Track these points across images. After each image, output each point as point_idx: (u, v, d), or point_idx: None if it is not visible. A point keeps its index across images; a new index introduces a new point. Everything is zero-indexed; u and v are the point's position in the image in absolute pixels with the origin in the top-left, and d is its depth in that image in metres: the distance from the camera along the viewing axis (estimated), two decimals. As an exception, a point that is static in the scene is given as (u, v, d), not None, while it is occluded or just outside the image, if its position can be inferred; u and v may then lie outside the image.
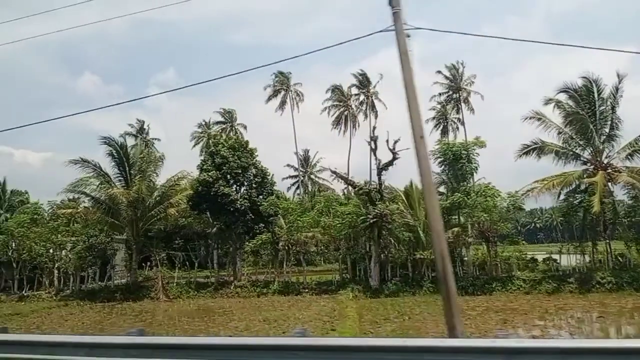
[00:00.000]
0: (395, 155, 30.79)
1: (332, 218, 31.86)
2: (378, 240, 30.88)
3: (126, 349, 5.43)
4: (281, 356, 5.15)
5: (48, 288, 36.22)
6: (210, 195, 32.87)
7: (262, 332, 18.64)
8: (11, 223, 35.84)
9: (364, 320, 20.83)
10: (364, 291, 30.40)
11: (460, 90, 56.53)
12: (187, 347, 5.48)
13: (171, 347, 5.54)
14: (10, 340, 6.31)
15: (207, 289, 33.70)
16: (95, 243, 35.04)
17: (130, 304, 31.57)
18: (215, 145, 35.18)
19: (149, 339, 5.81)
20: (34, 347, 6.02)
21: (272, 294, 32.10)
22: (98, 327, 22.62)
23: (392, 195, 32.85)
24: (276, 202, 34.03)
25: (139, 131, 73.28)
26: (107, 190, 32.90)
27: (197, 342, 5.83)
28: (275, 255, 33.85)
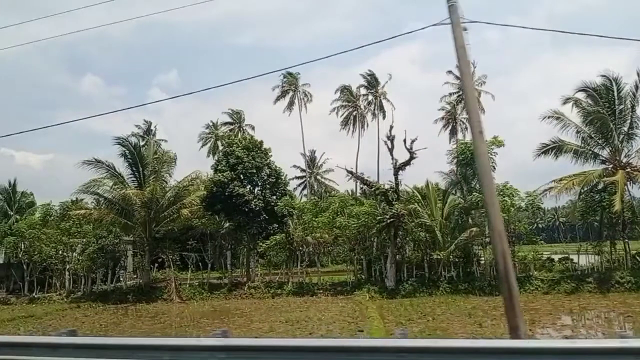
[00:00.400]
0: (413, 154, 30.50)
1: (348, 218, 31.53)
2: (394, 240, 30.58)
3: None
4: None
5: (59, 290, 35.97)
6: (225, 195, 32.56)
7: (286, 334, 18.35)
8: (22, 224, 35.54)
9: (387, 321, 20.51)
10: (380, 292, 30.11)
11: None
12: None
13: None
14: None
15: (220, 290, 33.41)
16: (106, 244, 34.78)
17: (144, 305, 31.32)
18: (229, 145, 34.91)
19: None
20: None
21: (286, 295, 31.81)
22: (117, 328, 22.32)
23: (407, 195, 32.48)
24: (291, 202, 33.72)
25: (146, 132, 73.00)
26: (121, 191, 32.61)
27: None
28: (289, 255, 33.54)
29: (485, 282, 29.48)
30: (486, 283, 29.41)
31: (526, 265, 30.85)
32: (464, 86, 7.81)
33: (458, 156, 31.36)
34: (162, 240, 34.77)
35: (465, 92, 7.79)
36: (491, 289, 28.87)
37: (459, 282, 30.04)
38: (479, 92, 56.53)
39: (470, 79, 7.77)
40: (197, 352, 5.12)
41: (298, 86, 68.87)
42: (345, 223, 30.70)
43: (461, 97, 57.09)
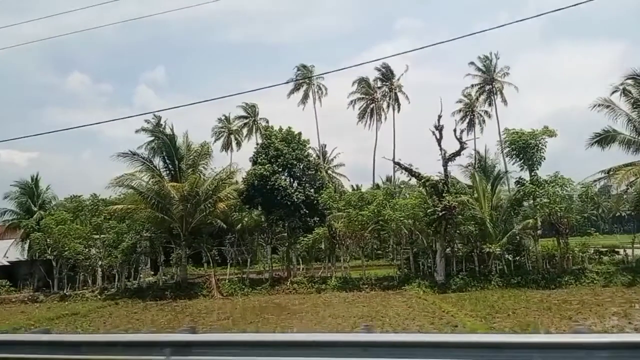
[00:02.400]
0: (463, 144, 29.71)
1: (393, 211, 30.67)
2: (444, 233, 29.79)
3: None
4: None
5: (91, 287, 34.79)
6: (267, 188, 31.56)
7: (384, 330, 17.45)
8: (50, 220, 34.23)
9: (470, 316, 19.68)
10: (430, 286, 29.28)
11: (494, 81, 55.50)
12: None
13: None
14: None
15: (261, 285, 32.42)
16: (141, 240, 33.67)
17: (186, 301, 30.23)
18: (267, 137, 33.85)
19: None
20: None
21: (331, 289, 30.89)
22: (178, 325, 21.24)
23: (454, 187, 31.67)
24: (334, 195, 32.79)
25: (155, 127, 71.54)
26: (158, 184, 31.48)
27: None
28: (332, 250, 32.63)
29: (539, 276, 28.84)
30: (540, 276, 28.78)
31: (581, 257, 30.24)
32: None
33: (508, 146, 30.53)
34: (199, 235, 33.68)
35: None
36: (546, 282, 28.31)
37: (511, 275, 29.35)
38: (502, 84, 56.05)
39: None
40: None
41: (312, 79, 67.93)
42: (393, 216, 29.79)
43: (483, 89, 56.69)
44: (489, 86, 56.02)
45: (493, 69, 55.72)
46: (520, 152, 29.87)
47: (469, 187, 32.19)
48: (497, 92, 56.00)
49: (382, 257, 43.19)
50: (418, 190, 32.46)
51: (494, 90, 56.07)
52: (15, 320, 24.12)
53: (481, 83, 56.79)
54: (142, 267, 37.53)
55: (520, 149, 29.64)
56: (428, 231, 31.00)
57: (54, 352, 5.91)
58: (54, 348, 6.00)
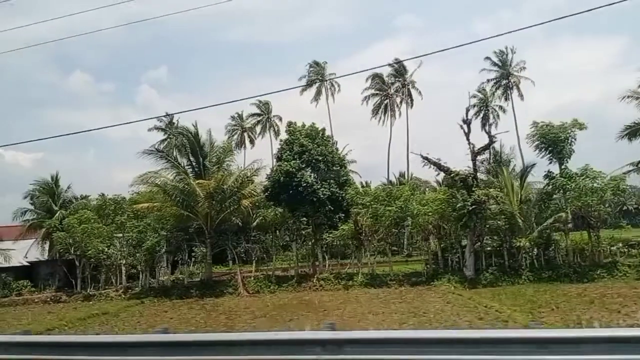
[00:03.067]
0: (492, 138, 29.33)
1: (421, 206, 30.36)
2: (474, 228, 29.44)
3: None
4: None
5: (115, 286, 34.59)
6: (292, 185, 31.26)
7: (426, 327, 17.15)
8: (73, 219, 34.03)
9: (516, 311, 19.32)
10: (460, 282, 28.97)
11: (510, 76, 55.02)
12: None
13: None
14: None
15: (287, 282, 32.14)
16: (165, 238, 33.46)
17: (213, 300, 30.01)
18: (291, 133, 33.50)
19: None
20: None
21: (358, 286, 30.62)
22: (215, 325, 20.99)
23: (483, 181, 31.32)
24: (361, 190, 32.49)
25: (168, 125, 71.52)
26: (184, 182, 31.24)
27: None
28: (358, 246, 32.33)
29: (570, 270, 28.48)
30: (571, 270, 28.43)
31: (609, 251, 29.90)
32: None
33: (537, 139, 30.11)
34: (224, 232, 33.43)
35: None
36: (577, 276, 27.95)
37: (542, 269, 29.01)
38: (518, 79, 55.58)
39: None
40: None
41: (325, 75, 67.60)
42: (423, 210, 29.47)
43: (499, 84, 56.22)
44: (505, 80, 55.45)
45: (509, 64, 55.20)
46: (549, 145, 29.47)
47: (495, 181, 31.77)
48: (514, 87, 55.46)
49: (398, 253, 42.61)
50: (431, 186, 32.07)
51: (510, 84, 55.53)
52: (46, 321, 23.85)
53: (497, 78, 56.25)
54: (160, 265, 37.16)
55: (550, 142, 29.23)
56: (456, 226, 30.66)
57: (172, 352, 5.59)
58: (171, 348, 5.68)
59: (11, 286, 35.52)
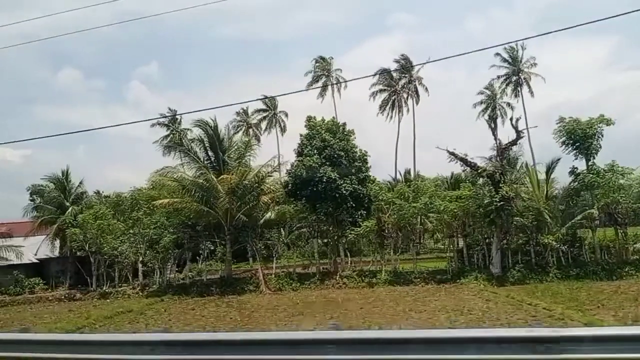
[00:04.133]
0: (520, 133, 29.01)
1: (446, 203, 30.00)
2: (500, 225, 29.13)
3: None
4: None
5: (132, 283, 33.89)
6: (314, 180, 30.73)
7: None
8: (88, 215, 33.26)
9: (566, 309, 18.94)
10: (487, 279, 28.66)
11: (521, 72, 54.85)
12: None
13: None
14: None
15: (309, 280, 31.65)
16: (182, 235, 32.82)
17: (235, 297, 29.49)
18: (311, 128, 32.93)
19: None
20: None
21: (382, 284, 30.22)
22: (254, 323, 20.43)
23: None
24: (383, 186, 32.04)
25: (171, 121, 70.66)
26: (204, 177, 30.59)
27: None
28: (381, 243, 31.90)
29: (599, 267, 28.26)
30: (599, 268, 28.21)
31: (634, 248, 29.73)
32: None
33: (563, 135, 29.81)
34: (243, 229, 32.84)
35: None
36: (606, 274, 27.73)
37: (569, 267, 28.76)
38: (529, 75, 55.42)
39: None
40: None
41: (331, 71, 67.06)
42: (450, 207, 29.10)
43: (509, 80, 56.05)
44: (515, 77, 55.27)
45: (520, 60, 55.00)
46: (577, 141, 29.20)
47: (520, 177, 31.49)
48: (524, 83, 55.30)
49: (405, 251, 41.54)
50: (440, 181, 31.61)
51: (520, 81, 55.37)
52: (74, 320, 23.13)
53: (507, 74, 56.07)
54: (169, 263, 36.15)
55: (578, 138, 28.96)
56: (482, 223, 30.35)
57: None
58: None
59: (23, 283, 34.66)
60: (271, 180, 33.30)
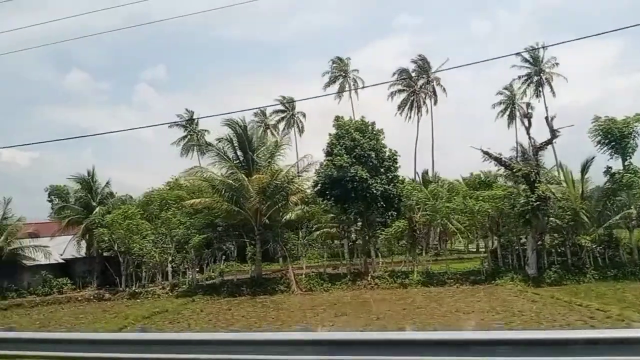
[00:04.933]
0: (556, 133, 28.62)
1: (479, 202, 29.68)
2: (536, 225, 28.76)
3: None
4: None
5: (161, 283, 33.79)
6: (345, 180, 30.48)
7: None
8: (118, 215, 33.19)
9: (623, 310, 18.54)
10: (524, 280, 28.27)
11: (542, 72, 54.37)
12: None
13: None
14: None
15: (340, 280, 31.38)
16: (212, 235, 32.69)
17: (268, 297, 29.34)
18: (340, 127, 32.68)
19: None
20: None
21: (415, 285, 29.92)
22: (294, 323, 20.19)
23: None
24: (417, 186, 31.74)
25: (188, 122, 70.76)
26: (234, 177, 30.44)
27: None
28: (412, 243, 31.60)
29: (637, 268, 27.83)
30: (638, 268, 27.78)
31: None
32: None
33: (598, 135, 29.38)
34: (271, 228, 32.66)
35: None
36: (645, 275, 27.31)
37: (606, 267, 28.34)
38: (550, 75, 54.94)
39: None
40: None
41: (348, 72, 66.88)
42: (485, 207, 28.78)
43: (530, 80, 55.60)
44: (537, 77, 54.81)
45: (541, 60, 54.52)
46: (612, 141, 28.79)
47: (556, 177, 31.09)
48: (545, 83, 54.82)
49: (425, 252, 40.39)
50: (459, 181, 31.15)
51: (542, 81, 54.90)
52: (113, 320, 23.05)
53: (528, 75, 55.62)
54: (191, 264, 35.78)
55: (614, 138, 28.55)
56: (516, 223, 29.99)
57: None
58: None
59: (51, 283, 34.62)
60: (300, 180, 33.02)
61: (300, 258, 35.89)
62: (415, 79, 62.29)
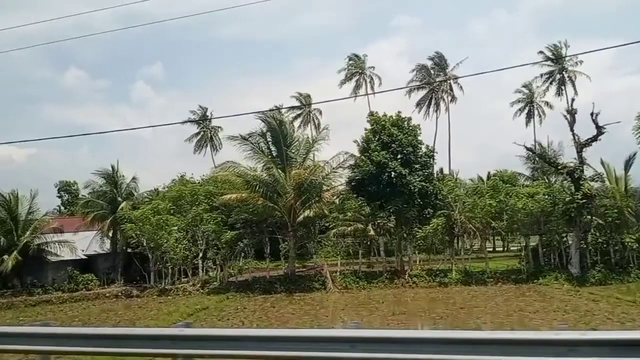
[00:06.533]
0: (601, 129, 28.04)
1: (521, 200, 29.12)
2: (579, 223, 28.19)
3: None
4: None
5: (192, 279, 33.07)
6: (384, 176, 29.85)
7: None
8: (147, 210, 32.45)
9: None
10: (568, 279, 27.70)
11: (565, 70, 53.86)
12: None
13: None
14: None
15: (376, 279, 30.73)
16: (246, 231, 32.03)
17: (304, 295, 28.68)
18: (375, 122, 32.02)
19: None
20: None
21: (454, 283, 29.33)
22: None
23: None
24: (457, 183, 31.13)
25: (201, 118, 70.10)
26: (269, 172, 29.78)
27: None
28: (451, 241, 30.98)
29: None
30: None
31: None
32: None
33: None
34: (304, 225, 31.99)
35: None
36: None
37: (651, 267, 27.82)
38: (574, 73, 54.44)
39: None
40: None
41: (365, 68, 66.33)
42: (529, 204, 28.19)
43: (553, 78, 55.08)
44: (559, 75, 54.31)
45: (564, 58, 53.94)
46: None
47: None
48: (568, 81, 54.31)
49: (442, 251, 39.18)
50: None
51: (564, 79, 54.39)
52: (161, 317, 22.27)
53: (550, 72, 55.13)
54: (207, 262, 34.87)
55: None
56: (558, 221, 29.43)
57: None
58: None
59: (77, 280, 33.81)
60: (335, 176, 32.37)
61: (313, 256, 35.31)
62: (435, 75, 61.70)
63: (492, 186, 30.45)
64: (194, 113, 69.90)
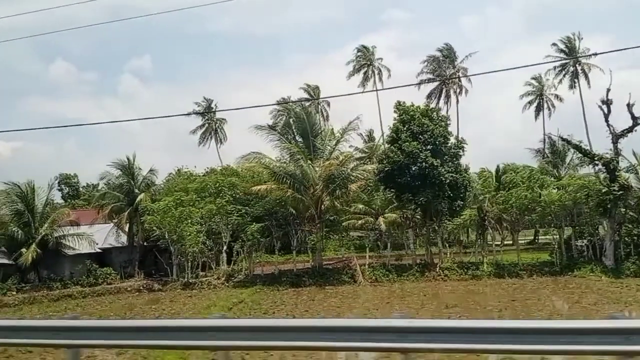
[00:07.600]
0: (637, 120, 27.69)
1: (559, 192, 28.79)
2: (615, 215, 27.89)
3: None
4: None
5: (214, 272, 32.34)
6: (414, 167, 29.28)
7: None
8: (169, 201, 31.60)
9: None
10: (603, 272, 27.39)
11: (578, 63, 53.60)
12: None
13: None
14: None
15: (406, 272, 30.23)
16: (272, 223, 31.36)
17: (334, 288, 28.14)
18: (405, 112, 31.37)
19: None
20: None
21: (487, 276, 28.90)
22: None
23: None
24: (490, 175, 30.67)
25: (206, 109, 69.25)
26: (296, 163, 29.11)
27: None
28: (482, 234, 30.55)
29: None
30: None
31: None
32: None
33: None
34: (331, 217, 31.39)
35: None
36: None
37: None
38: (589, 66, 54.21)
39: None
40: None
41: (373, 60, 65.63)
42: (564, 196, 27.83)
43: (565, 71, 54.86)
44: (573, 68, 54.07)
45: (577, 51, 53.69)
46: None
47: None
48: (581, 74, 54.10)
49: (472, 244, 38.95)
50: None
51: (577, 72, 54.18)
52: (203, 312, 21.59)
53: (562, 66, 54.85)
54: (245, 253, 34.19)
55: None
56: (591, 213, 29.12)
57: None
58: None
59: (96, 273, 32.86)
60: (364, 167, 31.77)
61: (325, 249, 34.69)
62: (446, 67, 61.20)
63: (528, 176, 29.92)
64: (198, 105, 69.07)
